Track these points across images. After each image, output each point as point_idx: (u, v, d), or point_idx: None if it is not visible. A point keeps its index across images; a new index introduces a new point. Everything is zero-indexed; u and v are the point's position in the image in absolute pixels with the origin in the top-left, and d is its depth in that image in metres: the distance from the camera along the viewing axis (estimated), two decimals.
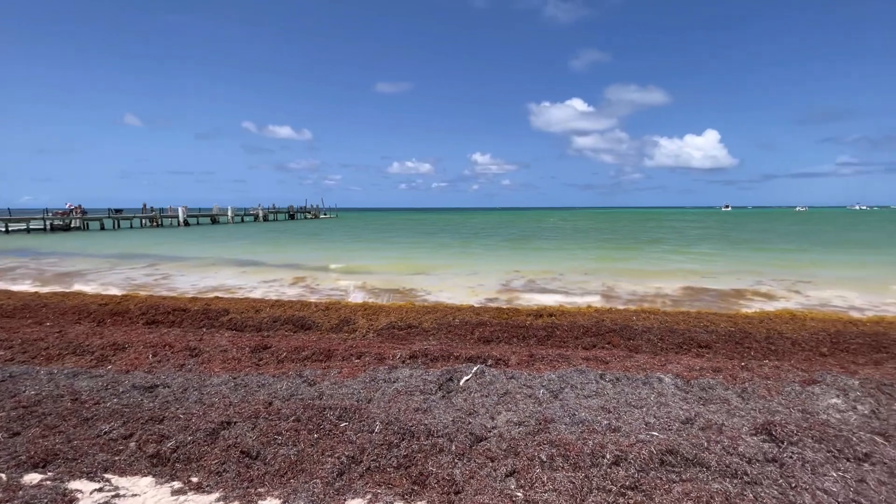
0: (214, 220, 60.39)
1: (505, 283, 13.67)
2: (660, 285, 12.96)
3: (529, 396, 4.27)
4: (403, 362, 5.26)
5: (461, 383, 4.54)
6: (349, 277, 14.83)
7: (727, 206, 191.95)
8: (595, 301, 10.62)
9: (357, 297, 10.89)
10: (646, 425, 3.69)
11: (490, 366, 5.16)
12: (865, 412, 3.91)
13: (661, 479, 2.94)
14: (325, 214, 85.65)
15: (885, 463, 3.04)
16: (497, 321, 7.12)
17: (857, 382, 4.40)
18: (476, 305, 8.70)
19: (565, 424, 3.67)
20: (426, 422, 3.65)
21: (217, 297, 9.97)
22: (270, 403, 4.11)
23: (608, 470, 3.02)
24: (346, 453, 3.25)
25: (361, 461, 3.21)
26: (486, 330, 6.82)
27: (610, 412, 3.93)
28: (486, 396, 4.25)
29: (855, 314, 8.37)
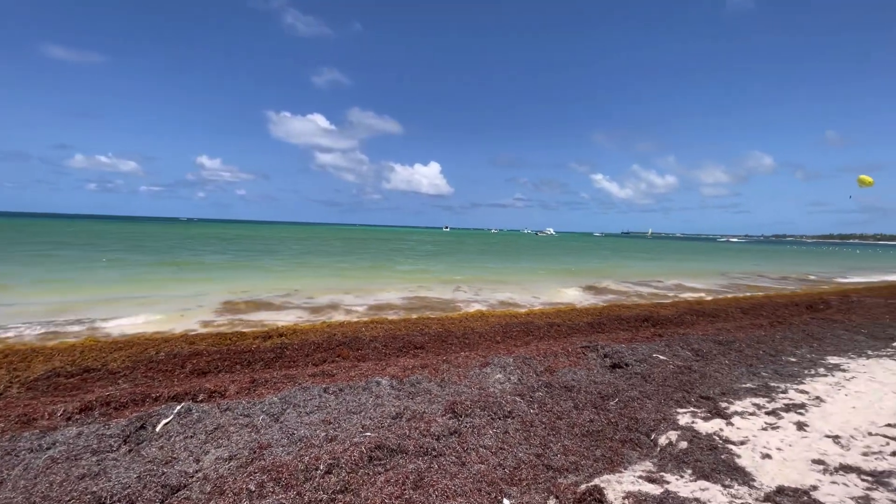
0: None
1: (229, 304, 12.30)
2: (389, 297, 14.36)
3: (246, 426, 3.94)
4: (69, 419, 4.00)
5: (158, 429, 3.78)
6: None
7: (447, 227, 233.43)
8: (331, 316, 10.84)
9: None
10: (362, 428, 3.96)
11: (201, 401, 4.51)
12: (514, 380, 5.34)
13: (368, 474, 3.20)
14: None
15: (520, 415, 4.22)
16: (216, 348, 6.32)
17: (511, 360, 5.97)
18: (191, 333, 7.48)
19: (283, 446, 3.55)
20: (96, 489, 2.86)
21: None
22: None
23: (321, 480, 3.08)
24: None
25: None
26: (201, 360, 5.94)
27: (330, 423, 4.04)
28: (191, 437, 3.68)
29: (519, 309, 11.42)
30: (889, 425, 4.28)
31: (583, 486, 3.13)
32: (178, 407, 4.04)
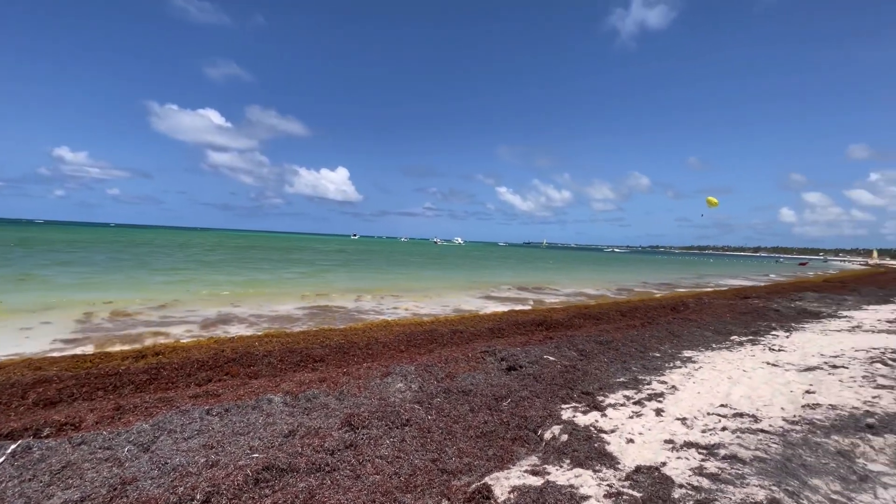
0: None
1: (88, 321, 10.67)
2: (288, 309, 13.61)
3: (106, 460, 3.45)
4: None
5: None
6: None
7: (355, 235, 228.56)
8: (221, 331, 9.95)
9: None
10: (249, 449, 3.70)
11: (47, 436, 3.85)
12: (415, 388, 5.40)
13: (253, 498, 3.00)
14: None
15: (417, 423, 4.29)
16: (72, 373, 5.43)
17: (413, 368, 6.03)
18: (38, 357, 6.33)
19: (152, 479, 3.18)
20: None
21: None
22: None
23: None
24: None
25: None
26: (50, 388, 5.05)
27: (213, 448, 3.71)
28: (30, 481, 3.12)
29: (424, 317, 11.57)
30: (722, 405, 5.14)
31: (473, 486, 3.28)
32: (13, 446, 3.40)
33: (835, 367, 7.05)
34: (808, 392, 5.69)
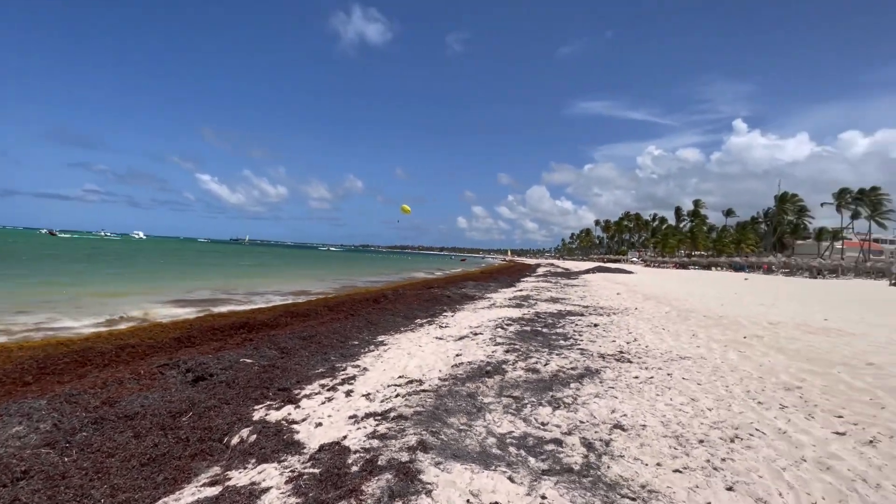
0: None
1: None
2: None
3: None
4: None
5: None
6: None
7: None
8: None
9: None
10: None
11: None
12: (46, 428, 4.05)
13: None
14: None
15: (44, 471, 3.24)
16: None
17: (45, 402, 4.50)
18: None
19: None
20: None
21: None
22: None
23: None
24: None
25: None
26: None
27: None
28: None
29: (70, 334, 8.78)
30: (400, 377, 6.15)
31: None
32: None
33: (476, 334, 9.56)
34: (457, 355, 7.50)
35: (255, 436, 4.08)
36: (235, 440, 4.07)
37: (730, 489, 3.22)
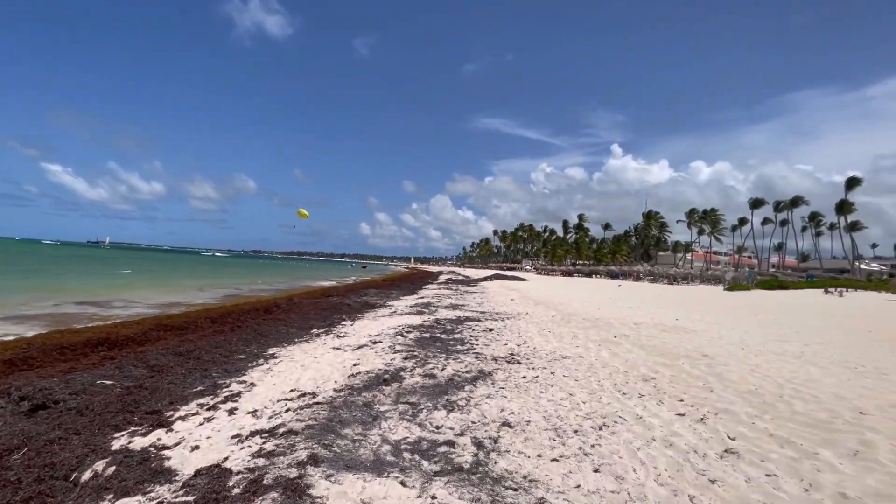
0: None
1: None
2: None
3: None
4: None
5: None
6: None
7: None
8: None
9: None
10: None
11: None
12: None
13: None
14: None
15: None
16: None
17: None
18: None
19: None
20: None
21: None
22: None
23: None
24: None
25: None
26: None
27: None
28: None
29: None
30: (291, 391, 5.84)
31: None
32: None
33: (375, 342, 9.46)
34: (355, 365, 7.35)
35: (113, 467, 3.56)
36: (87, 475, 3.50)
37: (596, 471, 3.64)
